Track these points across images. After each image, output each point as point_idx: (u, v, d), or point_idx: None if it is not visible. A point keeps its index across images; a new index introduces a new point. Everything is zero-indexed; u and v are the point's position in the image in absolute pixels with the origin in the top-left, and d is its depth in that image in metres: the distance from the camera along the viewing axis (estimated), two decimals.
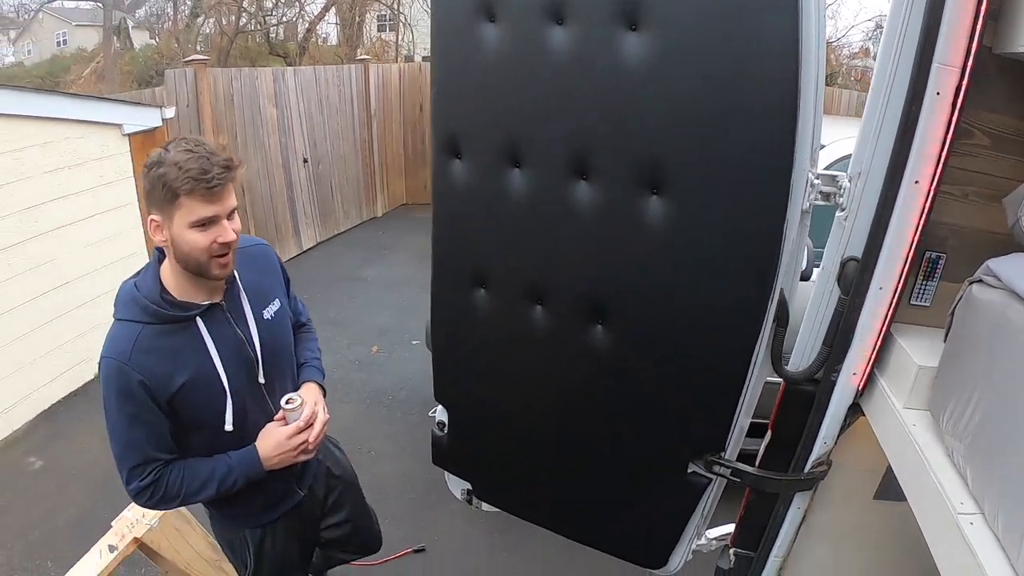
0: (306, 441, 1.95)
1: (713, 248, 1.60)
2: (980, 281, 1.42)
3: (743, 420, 1.79)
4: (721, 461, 1.82)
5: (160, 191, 1.61)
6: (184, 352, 1.76)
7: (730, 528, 2.13)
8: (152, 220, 1.67)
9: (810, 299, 1.69)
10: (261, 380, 1.94)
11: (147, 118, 5.53)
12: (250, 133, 6.85)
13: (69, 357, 5.07)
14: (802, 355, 1.74)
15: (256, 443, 1.92)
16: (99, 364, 1.73)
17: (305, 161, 7.79)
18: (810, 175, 1.53)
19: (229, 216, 1.69)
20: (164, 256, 1.77)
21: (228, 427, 1.86)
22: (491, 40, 1.69)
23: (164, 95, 5.95)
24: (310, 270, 7.48)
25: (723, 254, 1.60)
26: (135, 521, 2.62)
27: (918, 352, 1.61)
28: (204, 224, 1.64)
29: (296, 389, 2.07)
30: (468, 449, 2.34)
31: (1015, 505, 1.21)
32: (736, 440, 1.83)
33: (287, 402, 1.94)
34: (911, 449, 1.52)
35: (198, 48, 18.89)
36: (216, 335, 1.81)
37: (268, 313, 1.97)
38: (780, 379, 1.77)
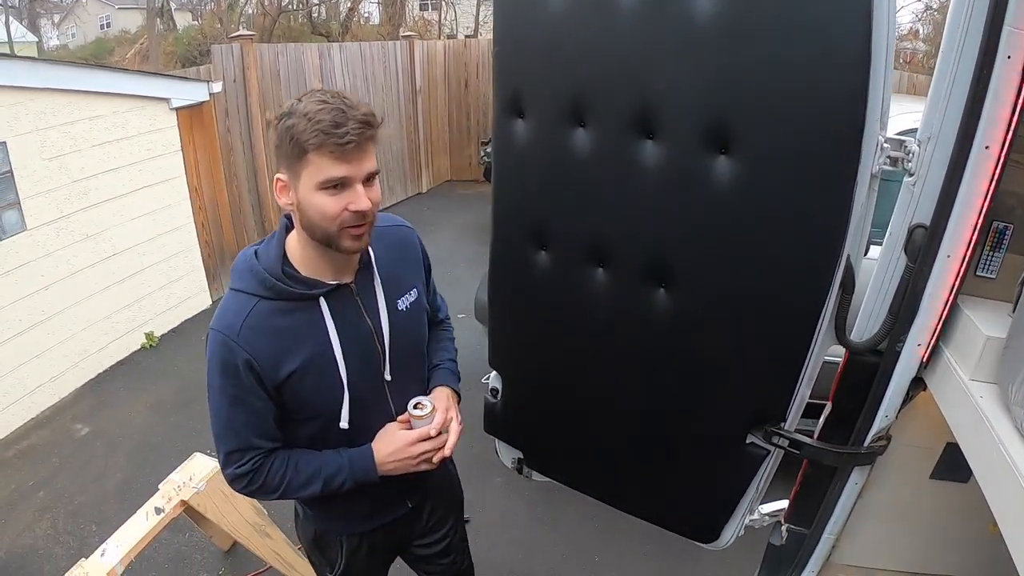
0: (431, 451, 1.76)
1: (781, 209, 1.59)
2: None
3: (804, 390, 1.78)
4: (781, 432, 1.80)
5: (287, 145, 1.45)
6: (301, 334, 1.60)
7: (783, 504, 2.12)
8: (278, 179, 1.53)
9: (876, 266, 1.67)
10: (387, 377, 1.77)
11: (194, 92, 5.68)
12: None
13: (118, 327, 5.25)
14: (866, 324, 1.72)
15: (373, 444, 1.75)
16: (207, 335, 1.59)
17: None
18: (880, 138, 1.52)
19: (366, 182, 1.50)
20: (291, 225, 1.63)
21: (344, 424, 1.70)
22: None
23: (211, 71, 6.05)
24: None
25: (791, 216, 1.59)
26: (182, 484, 2.67)
27: (985, 323, 1.58)
28: (334, 186, 1.46)
29: (426, 393, 1.89)
30: (521, 417, 2.34)
31: None
32: (797, 411, 1.82)
33: (416, 407, 1.76)
34: (979, 421, 1.49)
35: (240, 29, 19.21)
36: (340, 320, 1.65)
37: (403, 303, 1.78)
38: (841, 354, 1.76)
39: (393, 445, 1.74)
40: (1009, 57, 1.40)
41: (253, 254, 1.62)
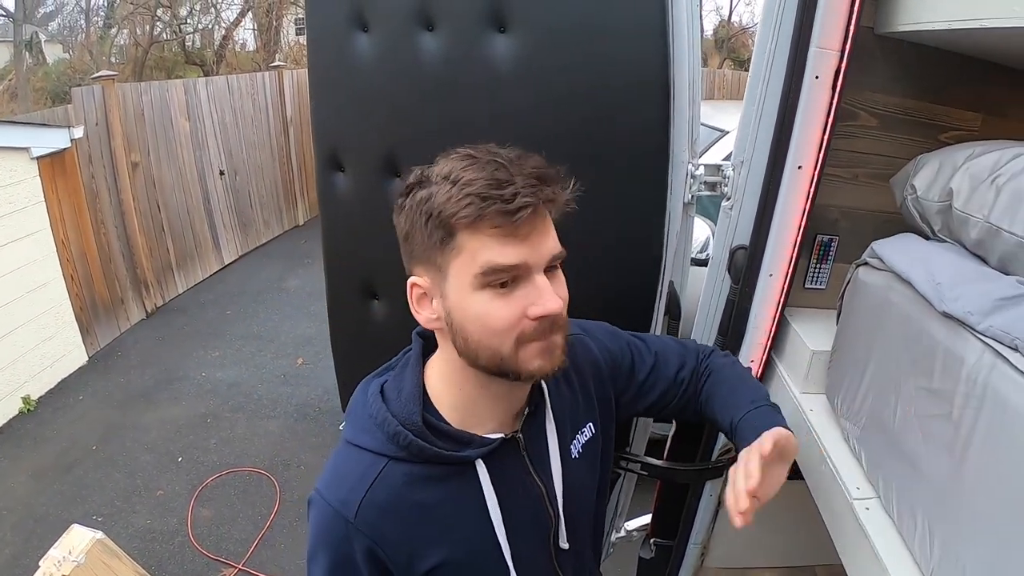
0: None
1: (596, 245, 1.57)
2: (866, 264, 1.44)
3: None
4: (627, 456, 1.81)
5: (423, 227, 0.97)
6: (448, 512, 1.09)
7: (648, 519, 2.14)
8: (413, 285, 1.04)
9: (702, 288, 1.69)
10: (564, 545, 1.23)
11: (55, 140, 5.27)
12: (163, 148, 6.66)
13: None
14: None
15: None
16: (310, 501, 1.10)
17: (222, 173, 7.62)
18: (690, 167, 1.53)
19: (549, 270, 1.00)
20: (431, 347, 1.14)
21: None
22: (365, 50, 1.65)
23: (71, 114, 5.73)
24: (232, 284, 7.34)
25: (606, 251, 1.59)
26: (61, 560, 2.54)
27: (812, 337, 1.63)
28: (504, 279, 0.96)
29: (598, 560, 1.46)
30: None
31: (906, 488, 1.23)
32: (641, 433, 1.84)
33: None
34: (808, 435, 1.53)
35: (112, 60, 18.31)
36: (504, 488, 1.12)
37: (576, 447, 1.25)
38: None
39: None
40: (817, 77, 1.43)
41: (379, 392, 1.11)
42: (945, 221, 1.35)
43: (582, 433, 1.26)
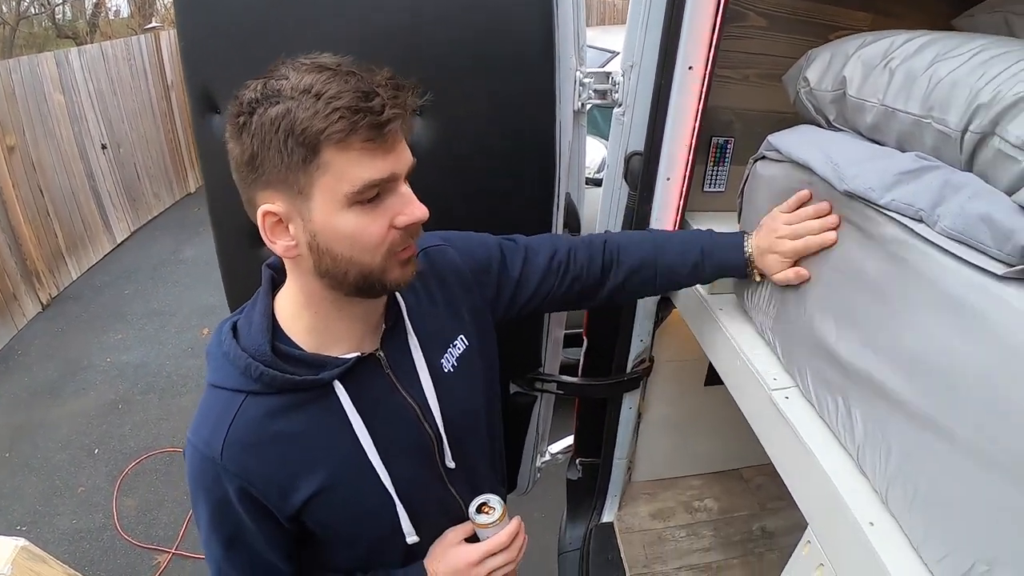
0: (505, 566, 1.26)
1: (488, 157, 1.54)
2: (763, 158, 1.44)
3: (555, 331, 1.78)
4: (541, 376, 1.80)
5: (280, 147, 0.88)
6: (316, 439, 1.07)
7: (571, 440, 2.14)
8: (267, 213, 0.95)
9: (600, 198, 1.67)
10: (450, 464, 1.23)
11: None
12: (39, 126, 6.28)
13: None
14: None
15: (426, 562, 1.25)
16: (184, 449, 1.09)
17: (104, 147, 7.26)
18: (578, 74, 1.50)
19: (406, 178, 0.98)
20: (280, 279, 1.11)
21: (411, 539, 1.20)
22: None
23: None
24: (127, 262, 7.03)
25: (500, 162, 1.55)
26: None
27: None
28: (376, 194, 0.93)
29: (498, 478, 1.46)
30: None
31: (822, 371, 1.25)
32: (553, 352, 1.82)
33: (480, 510, 1.26)
34: (720, 334, 1.53)
35: None
36: (368, 407, 1.10)
37: (449, 362, 1.22)
38: None
39: (452, 564, 1.24)
40: None
41: (230, 330, 1.07)
42: (840, 110, 1.36)
43: (454, 346, 1.24)
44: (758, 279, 1.38)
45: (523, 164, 1.54)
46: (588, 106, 1.58)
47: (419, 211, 0.96)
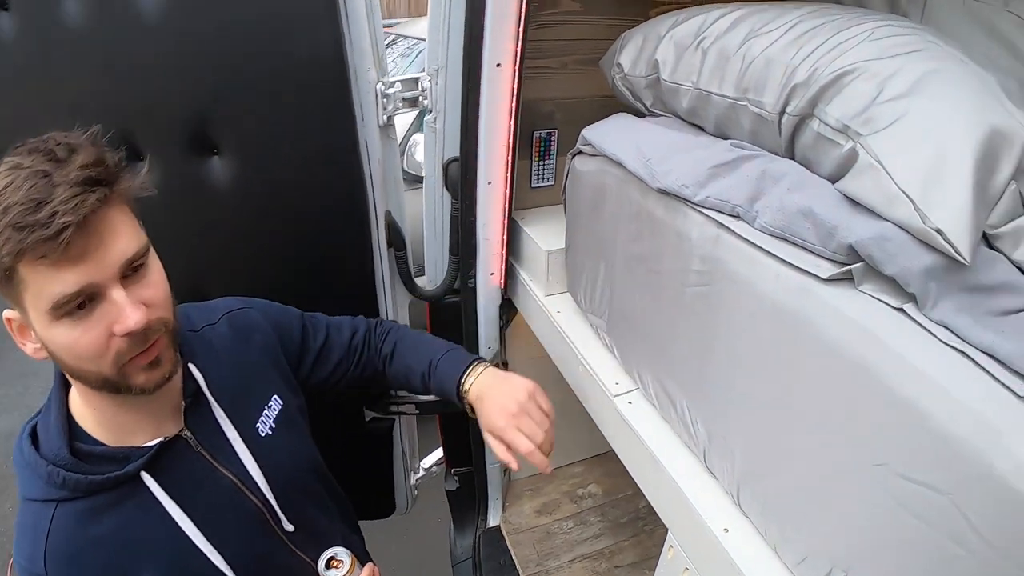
0: None
1: (292, 196, 1.45)
2: (580, 152, 1.38)
3: None
4: (394, 399, 1.72)
5: None
6: (138, 536, 0.98)
7: (441, 452, 2.08)
8: (6, 318, 0.90)
9: (423, 211, 1.59)
10: (288, 528, 1.16)
11: None
12: None
13: None
14: (434, 270, 1.66)
15: None
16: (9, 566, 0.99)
17: None
18: (380, 86, 1.40)
19: (127, 278, 0.88)
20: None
21: None
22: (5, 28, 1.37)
23: None
24: None
25: (304, 200, 1.45)
26: None
27: (545, 237, 1.57)
28: (81, 303, 0.84)
29: (349, 525, 1.39)
30: None
31: (660, 375, 1.21)
32: None
33: (328, 565, 1.16)
34: (559, 338, 1.49)
35: None
36: (186, 490, 1.02)
37: (266, 424, 1.15)
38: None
39: None
40: None
41: (29, 436, 0.98)
42: (656, 95, 1.30)
43: (269, 408, 1.17)
44: (472, 415, 1.28)
45: (331, 190, 1.44)
46: (397, 116, 1.48)
47: (131, 320, 0.85)
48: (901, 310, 0.79)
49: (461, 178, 1.49)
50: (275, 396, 1.18)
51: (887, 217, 0.82)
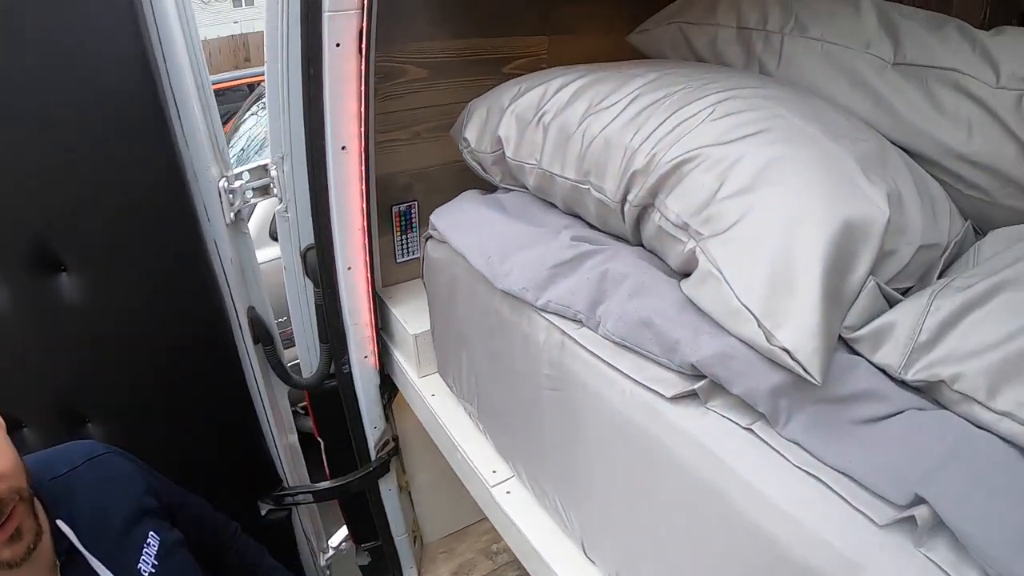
0: None
1: (139, 323, 1.39)
2: (431, 237, 1.34)
3: (285, 440, 1.65)
4: (286, 492, 1.67)
5: None
6: None
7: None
8: None
9: (288, 301, 1.54)
10: None
11: None
12: None
13: None
14: (308, 359, 1.61)
15: None
16: None
17: None
18: (223, 183, 1.35)
19: None
20: None
21: None
22: None
23: None
24: None
25: (157, 325, 1.40)
26: None
27: (413, 316, 1.52)
28: None
29: None
30: None
31: (531, 467, 1.19)
32: (290, 461, 1.69)
33: None
34: (436, 423, 1.44)
35: None
36: None
37: (147, 563, 1.10)
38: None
39: None
40: (338, 45, 1.26)
41: None
42: (504, 171, 1.27)
43: (148, 546, 1.13)
44: None
45: (182, 298, 1.40)
46: (248, 209, 1.44)
47: None
48: (750, 430, 0.75)
49: (319, 266, 1.45)
50: (151, 533, 1.14)
51: (731, 331, 0.78)
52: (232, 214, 1.38)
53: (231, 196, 1.37)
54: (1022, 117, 1.04)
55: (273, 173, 1.41)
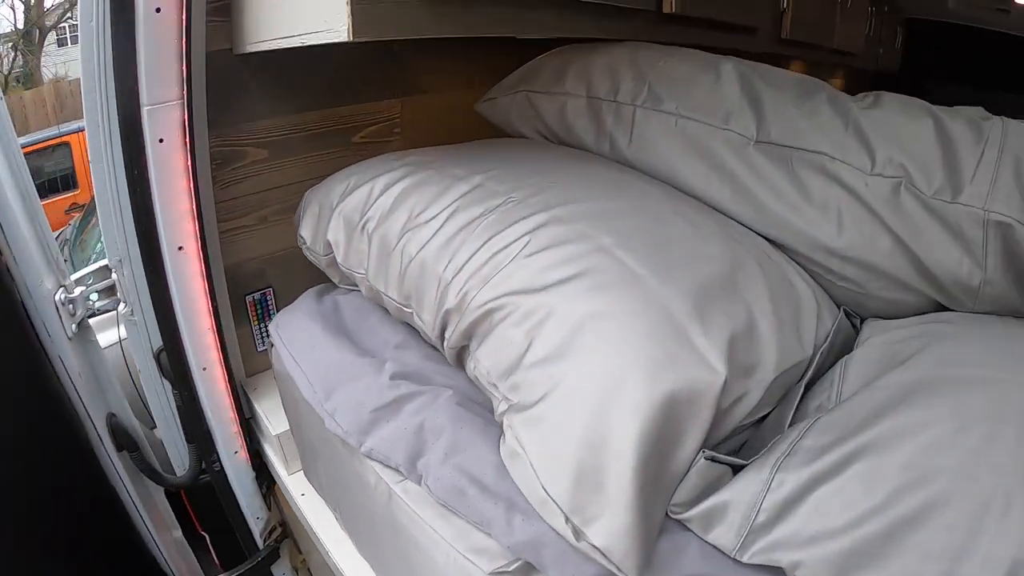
0: None
1: None
2: (273, 346, 1.28)
3: (167, 536, 1.59)
4: None
5: None
6: None
7: None
8: None
9: (149, 403, 1.48)
10: None
11: None
12: None
13: None
14: (179, 458, 1.55)
15: None
16: None
17: None
18: (60, 295, 1.29)
19: None
20: None
21: None
22: None
23: None
24: None
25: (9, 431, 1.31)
26: None
27: (275, 413, 1.45)
28: None
29: None
30: None
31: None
32: (177, 557, 1.63)
33: None
34: (304, 521, 1.39)
35: None
36: None
37: None
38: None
39: None
40: (162, 140, 1.19)
41: None
42: (340, 275, 1.23)
43: None
44: None
45: (27, 422, 1.32)
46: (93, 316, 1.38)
47: None
48: None
49: (172, 368, 1.39)
50: None
51: (542, 517, 0.73)
52: (74, 325, 1.31)
53: (71, 307, 1.31)
54: (898, 208, 0.98)
55: (114, 276, 1.35)
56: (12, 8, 11.56)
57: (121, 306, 1.38)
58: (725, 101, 1.13)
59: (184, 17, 1.14)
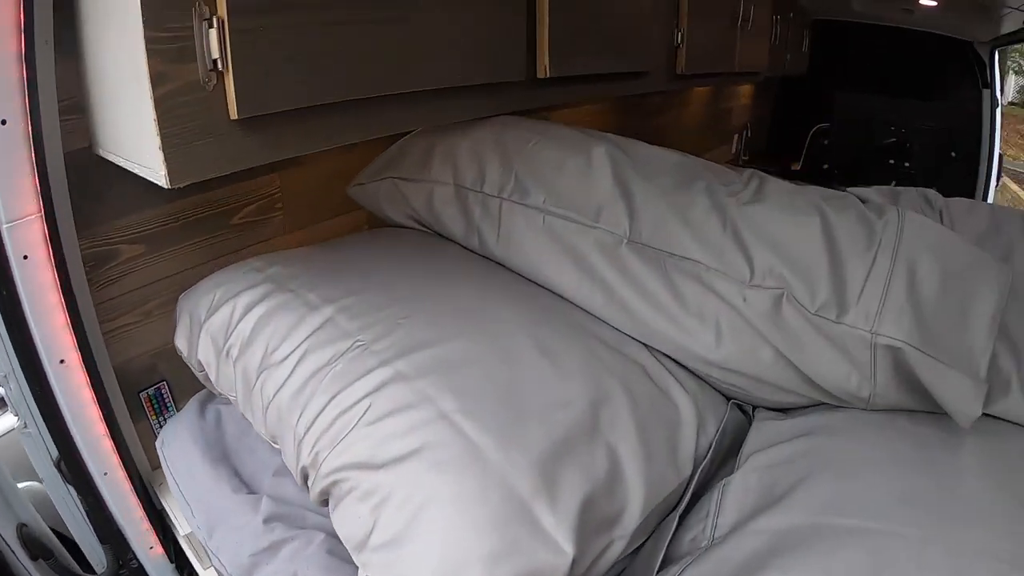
0: None
1: None
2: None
3: None
4: None
5: None
6: None
7: None
8: None
9: (57, 507, 1.44)
10: None
11: None
12: None
13: None
14: (97, 555, 1.50)
15: None
16: None
17: None
18: None
19: None
20: None
21: None
22: None
23: None
24: None
25: None
26: None
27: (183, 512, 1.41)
28: None
29: None
30: None
31: None
32: None
33: None
34: None
35: None
36: None
37: None
38: None
39: None
40: (26, 257, 1.13)
41: None
42: (218, 392, 1.18)
43: None
44: None
45: None
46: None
47: None
48: None
49: (73, 476, 1.34)
50: None
51: None
52: None
53: None
54: (779, 322, 0.92)
55: (2, 391, 1.30)
56: None
57: (15, 420, 1.33)
58: (596, 192, 1.05)
59: (29, 128, 1.08)
